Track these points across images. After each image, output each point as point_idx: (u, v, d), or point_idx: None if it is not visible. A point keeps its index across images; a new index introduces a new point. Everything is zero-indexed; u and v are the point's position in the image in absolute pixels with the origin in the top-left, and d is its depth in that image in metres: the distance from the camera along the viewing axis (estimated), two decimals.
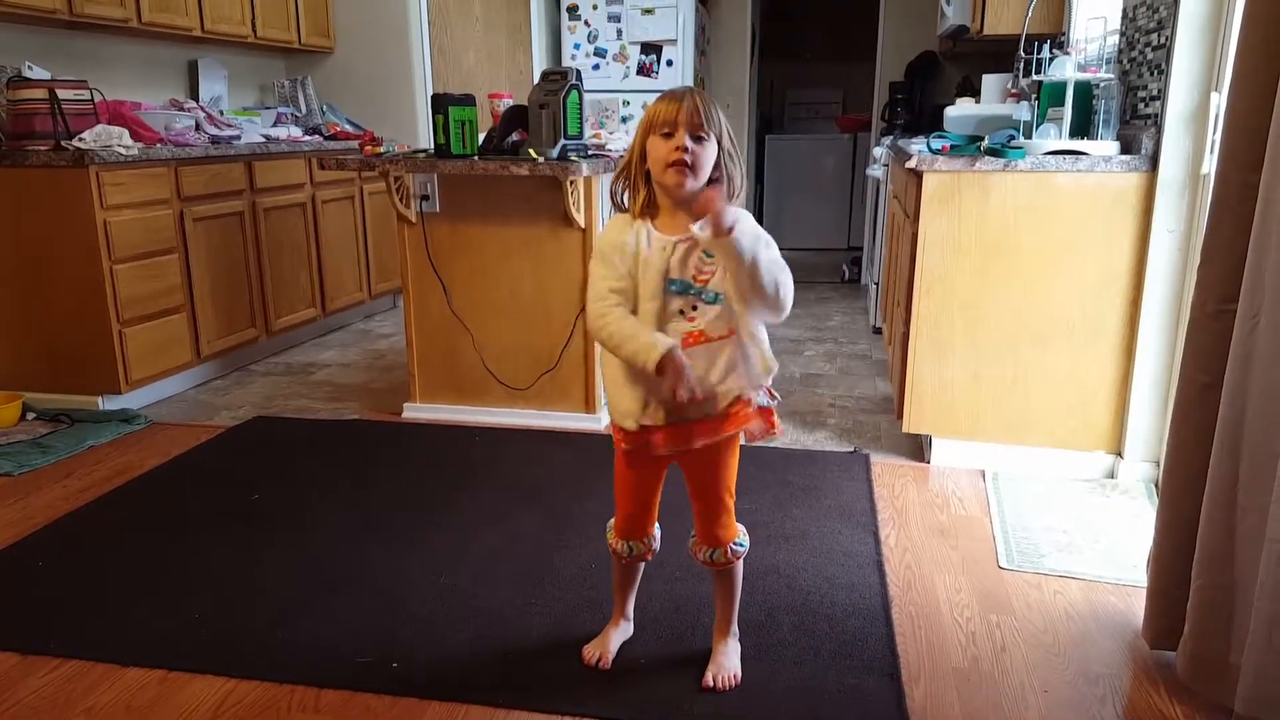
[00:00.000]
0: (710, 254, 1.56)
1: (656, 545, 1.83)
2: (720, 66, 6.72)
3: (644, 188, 1.60)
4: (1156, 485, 2.65)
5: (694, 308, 1.58)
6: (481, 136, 3.18)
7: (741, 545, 1.77)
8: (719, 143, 1.55)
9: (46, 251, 3.27)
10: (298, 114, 4.95)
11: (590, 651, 1.87)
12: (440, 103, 3.06)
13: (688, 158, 1.52)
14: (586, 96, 3.14)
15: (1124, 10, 2.97)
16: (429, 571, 2.22)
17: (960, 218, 2.69)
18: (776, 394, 1.70)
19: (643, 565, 1.88)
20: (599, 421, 3.22)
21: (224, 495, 2.68)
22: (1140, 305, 2.61)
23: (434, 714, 1.71)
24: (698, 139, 1.53)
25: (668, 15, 5.84)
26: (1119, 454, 2.75)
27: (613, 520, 1.82)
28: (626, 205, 1.63)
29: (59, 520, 2.52)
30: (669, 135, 1.53)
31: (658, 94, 1.58)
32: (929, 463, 2.92)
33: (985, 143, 2.81)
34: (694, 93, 1.56)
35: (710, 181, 1.57)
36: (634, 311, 1.59)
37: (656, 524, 1.82)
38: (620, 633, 1.91)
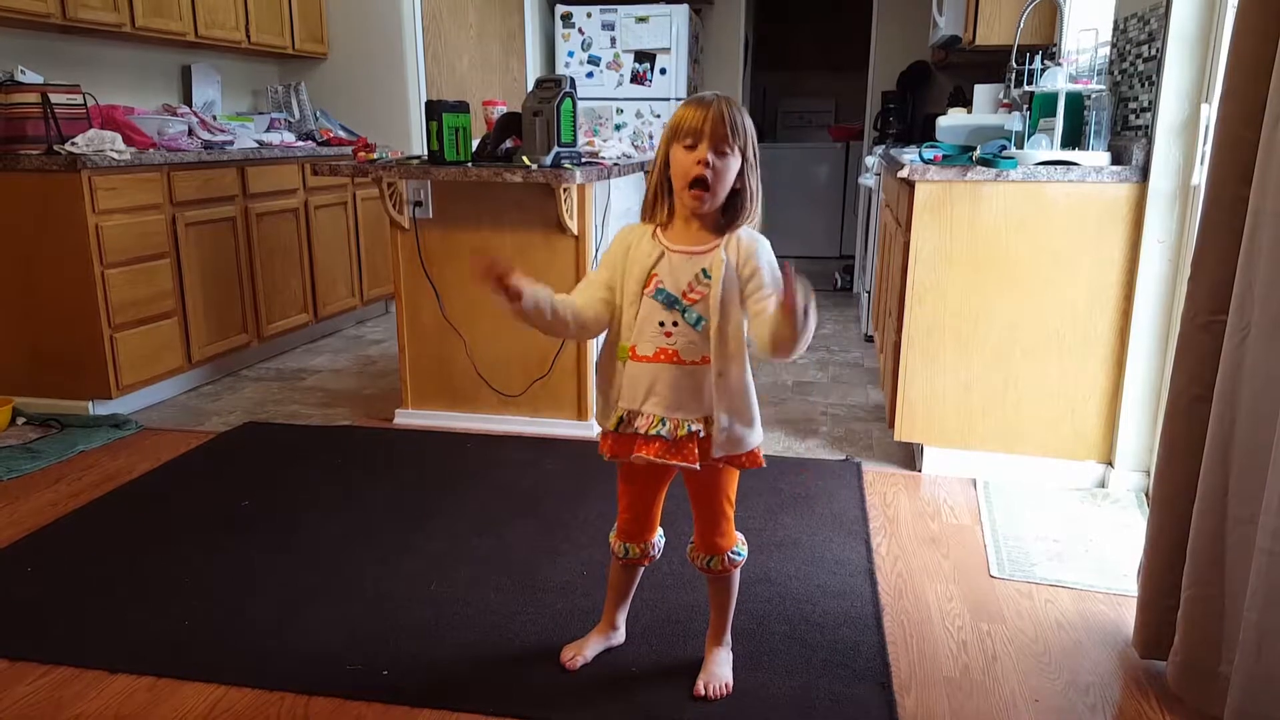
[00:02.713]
0: (709, 274, 1.53)
1: (655, 553, 1.82)
2: (713, 75, 6.74)
3: (665, 197, 1.57)
4: (1147, 495, 2.67)
5: (675, 324, 1.55)
6: (475, 143, 3.19)
7: (739, 554, 1.77)
8: (743, 154, 1.50)
9: (38, 255, 3.26)
10: (291, 119, 4.94)
11: (567, 651, 1.87)
12: (434, 109, 3.06)
13: (708, 174, 1.48)
14: (580, 104, 3.15)
15: (1115, 22, 2.99)
16: (420, 579, 2.21)
17: (952, 227, 2.70)
18: (763, 463, 1.66)
19: (640, 571, 1.88)
20: (591, 429, 3.22)
21: (214, 501, 2.67)
22: (1131, 315, 2.62)
23: None
24: (721, 153, 1.48)
25: (661, 24, 5.86)
26: (1110, 463, 2.76)
27: (616, 522, 1.82)
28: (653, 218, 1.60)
29: (48, 525, 2.51)
30: (692, 147, 1.49)
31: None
32: (920, 471, 2.93)
33: (977, 153, 2.82)
34: (723, 100, 1.50)
35: (732, 193, 1.52)
36: (620, 316, 1.60)
37: (659, 531, 1.81)
38: (606, 639, 1.90)
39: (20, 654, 1.90)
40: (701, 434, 1.59)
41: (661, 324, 1.56)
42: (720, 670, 1.80)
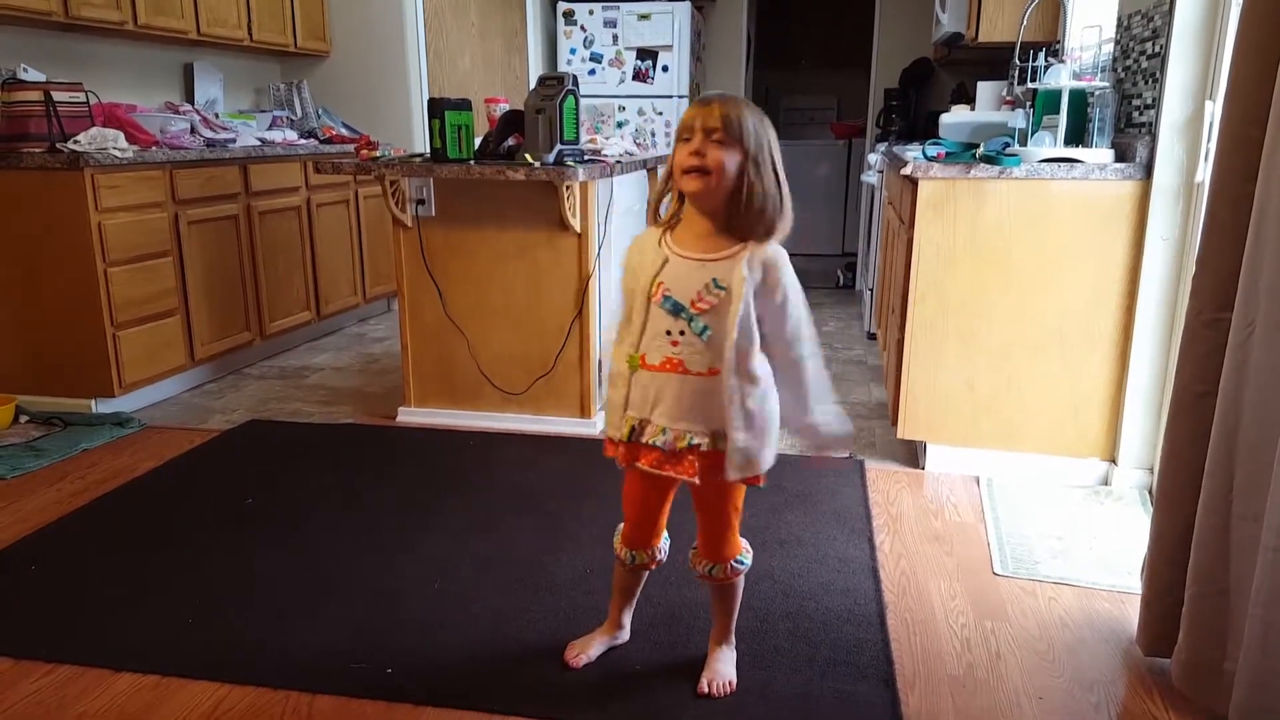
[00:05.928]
0: (720, 284, 1.51)
1: (662, 557, 1.81)
2: (715, 72, 6.74)
3: (676, 201, 1.58)
4: (1151, 492, 2.66)
5: (681, 333, 1.53)
6: (478, 141, 3.18)
7: (742, 562, 1.75)
8: (746, 151, 1.48)
9: (40, 254, 3.26)
10: (293, 117, 4.94)
11: (571, 649, 1.86)
12: (436, 107, 3.06)
13: (700, 161, 1.47)
14: (582, 101, 3.15)
15: (1119, 19, 2.98)
16: (423, 577, 2.21)
17: (955, 224, 2.70)
18: (764, 482, 1.63)
19: (646, 575, 1.87)
20: (594, 426, 3.22)
21: (217, 499, 2.67)
22: (1135, 312, 2.62)
23: None
24: (717, 143, 1.47)
25: (663, 21, 5.86)
26: (1113, 461, 2.75)
27: (621, 525, 1.80)
28: (660, 217, 1.60)
29: (52, 524, 2.51)
30: (688, 140, 1.50)
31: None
32: (924, 469, 2.92)
33: (980, 150, 2.81)
34: (725, 100, 1.50)
35: (734, 193, 1.49)
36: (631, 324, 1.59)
37: (665, 535, 1.80)
38: (611, 639, 1.90)
39: (25, 652, 1.91)
40: (703, 447, 1.56)
41: (668, 333, 1.54)
42: (724, 668, 1.80)
